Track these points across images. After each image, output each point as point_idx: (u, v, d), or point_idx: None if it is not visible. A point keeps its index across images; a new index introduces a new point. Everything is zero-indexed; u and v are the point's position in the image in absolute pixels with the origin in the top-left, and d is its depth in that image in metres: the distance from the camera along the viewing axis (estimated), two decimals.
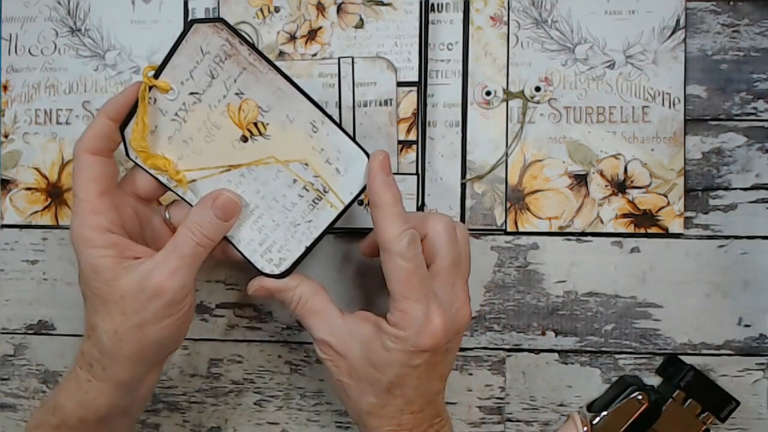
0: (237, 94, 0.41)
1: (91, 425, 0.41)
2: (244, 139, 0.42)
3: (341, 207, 0.43)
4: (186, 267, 0.40)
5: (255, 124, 0.41)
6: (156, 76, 0.40)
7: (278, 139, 0.42)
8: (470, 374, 0.50)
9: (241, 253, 0.43)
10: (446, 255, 0.41)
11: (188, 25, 0.39)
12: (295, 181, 0.42)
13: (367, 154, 0.42)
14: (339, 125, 0.42)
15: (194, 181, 0.42)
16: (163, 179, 0.42)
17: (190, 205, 0.42)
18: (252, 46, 0.40)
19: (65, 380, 0.42)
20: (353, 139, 0.42)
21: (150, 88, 0.40)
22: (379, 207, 0.39)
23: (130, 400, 0.42)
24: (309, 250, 0.43)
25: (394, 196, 0.40)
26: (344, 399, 0.42)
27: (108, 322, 0.39)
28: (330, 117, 0.41)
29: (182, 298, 0.40)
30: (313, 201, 0.43)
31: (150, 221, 0.44)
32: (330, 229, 0.43)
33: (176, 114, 0.41)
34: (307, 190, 0.42)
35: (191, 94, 0.40)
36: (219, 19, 0.39)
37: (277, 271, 0.43)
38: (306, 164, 0.42)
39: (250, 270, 0.43)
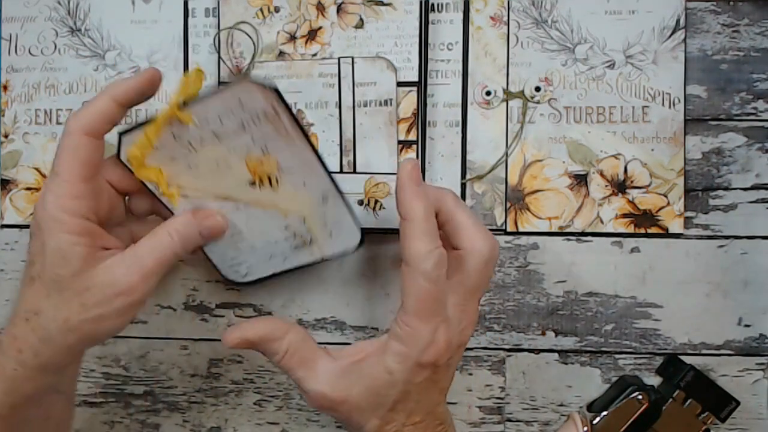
0: (262, 149, 0.40)
1: (23, 408, 0.40)
2: (252, 183, 0.42)
3: (319, 258, 0.45)
4: (160, 272, 0.39)
5: (268, 177, 0.42)
6: (185, 104, 0.39)
7: (286, 195, 0.42)
8: (470, 374, 0.50)
9: (209, 260, 0.44)
10: (473, 279, 0.40)
11: (240, 78, 0.39)
12: (287, 227, 0.44)
13: (362, 232, 0.44)
14: (348, 205, 0.43)
15: (186, 196, 0.42)
16: (152, 187, 0.42)
17: (171, 213, 0.42)
18: (295, 120, 0.40)
19: None
20: (355, 217, 0.44)
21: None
22: (409, 221, 0.38)
23: (58, 380, 0.41)
24: (275, 275, 0.45)
25: (426, 210, 0.38)
26: (345, 425, 0.42)
27: (62, 310, 0.38)
28: (342, 195, 0.43)
29: (146, 299, 0.39)
30: (296, 246, 0.45)
31: (117, 208, 0.43)
32: (300, 268, 0.45)
33: (189, 143, 0.40)
34: (294, 237, 0.44)
35: (213, 133, 0.40)
36: (273, 87, 0.39)
37: (240, 280, 0.45)
38: (303, 220, 0.43)
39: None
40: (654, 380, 0.49)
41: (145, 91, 0.40)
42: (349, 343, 0.45)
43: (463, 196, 0.50)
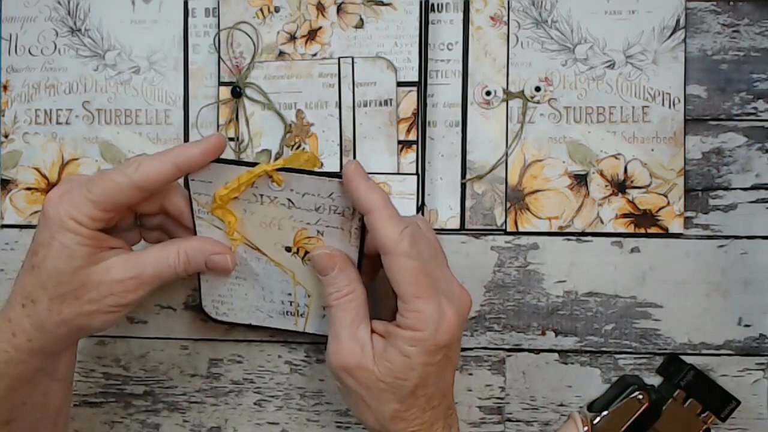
0: (319, 231, 0.43)
1: (18, 391, 0.41)
2: (288, 249, 0.44)
3: (300, 330, 0.47)
4: (155, 283, 0.41)
5: (306, 252, 0.43)
6: (283, 169, 0.41)
7: (309, 272, 0.44)
8: (470, 374, 0.50)
9: (198, 284, 0.46)
10: (425, 247, 0.40)
11: (339, 174, 0.40)
12: (290, 294, 0.45)
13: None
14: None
15: (219, 229, 0.44)
16: (206, 218, 0.43)
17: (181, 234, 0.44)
18: (363, 228, 0.41)
19: None
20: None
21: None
22: (372, 212, 0.39)
23: (54, 366, 0.42)
24: (250, 327, 0.47)
25: (382, 197, 0.39)
26: (363, 411, 0.41)
27: (56, 302, 0.39)
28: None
29: (138, 303, 0.41)
30: (285, 312, 0.46)
31: (128, 219, 0.43)
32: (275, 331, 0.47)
33: (261, 195, 0.42)
34: (291, 305, 0.46)
35: (288, 199, 0.42)
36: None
37: (213, 316, 0.47)
38: (309, 295, 0.45)
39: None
40: (654, 380, 0.49)
41: (209, 159, 0.40)
42: None
43: (463, 196, 0.50)
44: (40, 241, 0.39)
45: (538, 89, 0.49)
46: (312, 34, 0.49)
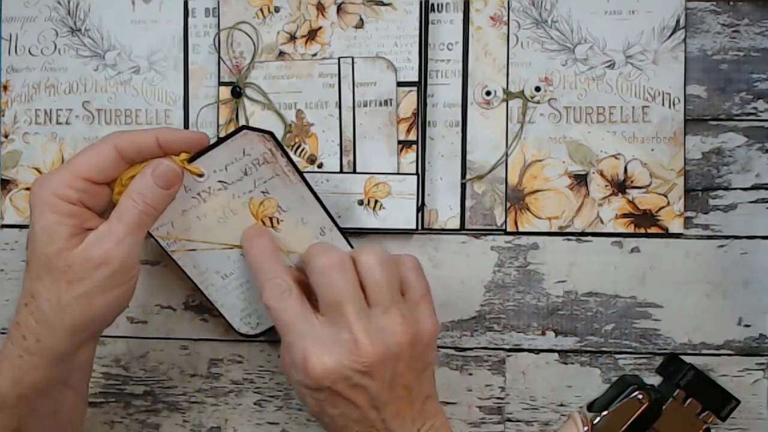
0: (263, 192, 0.44)
1: (31, 401, 0.40)
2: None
3: None
4: (131, 235, 0.40)
5: (270, 218, 0.44)
6: (191, 160, 0.42)
7: (287, 234, 0.45)
8: (470, 374, 0.50)
9: (222, 315, 0.47)
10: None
11: (239, 129, 0.42)
12: (290, 267, 0.45)
13: None
14: (344, 235, 0.46)
15: (193, 250, 0.45)
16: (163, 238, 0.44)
17: (183, 272, 0.46)
18: (290, 159, 0.43)
19: None
20: (351, 246, 0.46)
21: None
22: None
23: (67, 372, 0.42)
24: None
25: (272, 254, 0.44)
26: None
27: (53, 290, 0.39)
28: (338, 227, 0.46)
29: (129, 268, 0.40)
30: None
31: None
32: None
33: (198, 194, 0.43)
34: None
35: (220, 182, 0.43)
36: (268, 132, 0.43)
37: (251, 332, 0.48)
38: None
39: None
40: (654, 380, 0.49)
41: (184, 148, 0.42)
42: None
43: (463, 196, 0.50)
44: (28, 234, 0.40)
45: (538, 89, 0.49)
46: (312, 34, 0.49)
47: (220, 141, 0.42)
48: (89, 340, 0.42)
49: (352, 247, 0.46)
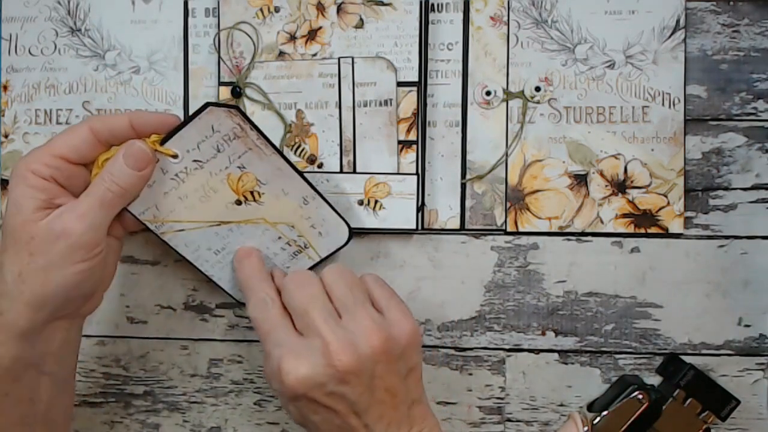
0: (239, 167, 0.44)
1: (2, 382, 0.40)
2: (238, 202, 0.45)
3: (317, 259, 0.48)
4: (94, 211, 0.40)
5: (251, 192, 0.45)
6: (163, 141, 0.42)
7: (270, 206, 0.45)
8: (470, 374, 0.50)
9: (224, 290, 0.48)
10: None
11: (204, 106, 0.42)
12: (279, 237, 0.47)
13: (348, 224, 0.47)
14: (327, 201, 0.46)
15: (182, 230, 0.45)
16: (150, 221, 0.45)
17: (177, 252, 0.46)
18: (260, 132, 0.43)
19: None
20: (337, 211, 0.47)
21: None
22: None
23: (37, 355, 0.41)
24: None
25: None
26: None
27: (15, 262, 0.39)
28: (320, 194, 0.46)
29: (91, 244, 0.40)
30: (294, 253, 0.47)
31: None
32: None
33: (176, 175, 0.44)
34: (290, 245, 0.47)
35: (195, 161, 0.43)
36: (234, 107, 0.42)
37: None
38: (292, 226, 0.46)
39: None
40: (654, 380, 0.49)
41: (157, 130, 0.42)
42: None
43: (463, 196, 0.50)
44: (3, 209, 0.41)
45: (538, 89, 0.49)
46: (312, 34, 0.49)
47: (188, 120, 0.42)
48: (58, 322, 0.42)
49: (338, 214, 0.47)
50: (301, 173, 0.45)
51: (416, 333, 0.42)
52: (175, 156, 0.43)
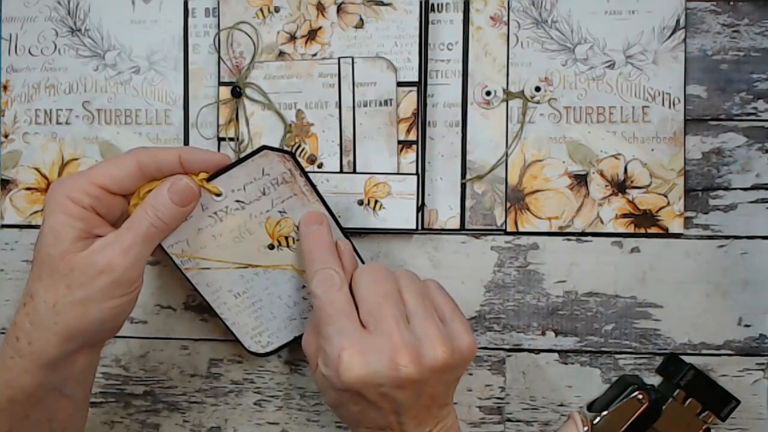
0: (280, 211, 0.44)
1: (22, 405, 0.40)
2: (271, 246, 0.45)
3: None
4: (138, 246, 0.39)
5: (286, 238, 0.44)
6: (210, 179, 0.42)
7: (301, 253, 0.44)
8: (470, 374, 0.50)
9: (233, 333, 0.47)
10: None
11: (259, 149, 0.42)
12: (304, 286, 0.46)
13: None
14: (359, 254, 0.46)
15: (207, 269, 0.45)
16: (176, 255, 0.44)
17: (195, 289, 0.45)
18: (308, 179, 0.44)
19: None
20: (362, 260, 0.46)
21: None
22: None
23: (60, 380, 0.41)
24: (297, 339, 0.47)
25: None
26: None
27: (50, 292, 0.38)
28: (355, 248, 0.45)
29: (132, 280, 0.39)
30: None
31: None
32: None
33: (215, 213, 0.43)
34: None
35: (237, 201, 0.43)
36: (289, 152, 0.43)
37: (262, 351, 0.48)
38: None
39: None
40: (654, 380, 0.49)
41: (205, 168, 0.42)
42: None
43: (463, 196, 0.50)
44: (37, 236, 0.39)
45: (538, 89, 0.49)
46: (312, 34, 0.49)
47: (240, 161, 0.42)
48: (83, 349, 0.41)
49: (361, 260, 0.46)
50: (339, 223, 0.45)
51: (475, 348, 0.41)
52: (219, 194, 0.42)
